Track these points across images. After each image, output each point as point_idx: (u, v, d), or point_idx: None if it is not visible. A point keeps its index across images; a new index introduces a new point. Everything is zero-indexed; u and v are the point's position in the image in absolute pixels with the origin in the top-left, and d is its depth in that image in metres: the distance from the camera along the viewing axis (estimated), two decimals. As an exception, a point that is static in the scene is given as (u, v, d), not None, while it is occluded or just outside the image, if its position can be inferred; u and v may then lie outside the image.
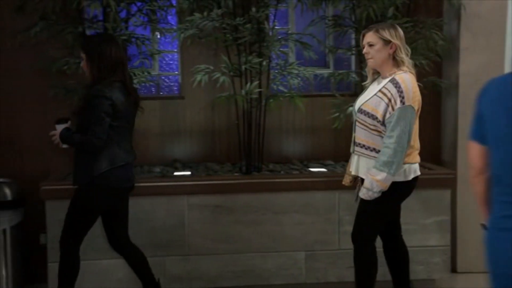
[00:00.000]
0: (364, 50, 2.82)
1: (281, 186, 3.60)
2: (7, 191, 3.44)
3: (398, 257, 3.09)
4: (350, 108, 3.35)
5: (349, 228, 3.51)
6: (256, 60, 3.63)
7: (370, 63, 2.81)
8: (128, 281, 3.47)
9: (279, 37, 3.78)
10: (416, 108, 2.71)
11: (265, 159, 3.99)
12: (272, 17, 3.84)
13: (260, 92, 3.76)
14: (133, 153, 3.05)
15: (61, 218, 3.30)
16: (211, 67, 3.71)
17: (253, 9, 3.59)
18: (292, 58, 4.05)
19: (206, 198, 3.54)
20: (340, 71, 3.97)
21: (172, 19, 3.94)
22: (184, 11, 3.69)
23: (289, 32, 4.07)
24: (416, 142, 2.82)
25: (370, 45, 2.78)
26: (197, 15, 3.56)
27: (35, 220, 3.64)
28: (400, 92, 2.66)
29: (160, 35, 3.76)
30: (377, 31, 2.76)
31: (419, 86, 2.82)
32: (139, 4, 3.64)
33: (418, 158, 2.85)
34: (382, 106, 2.71)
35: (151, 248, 3.47)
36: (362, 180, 2.87)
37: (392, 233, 3.07)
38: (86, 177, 2.88)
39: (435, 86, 4.03)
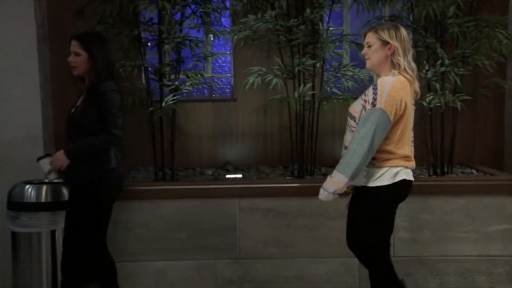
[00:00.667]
0: (363, 51, 2.76)
1: None
2: (65, 191, 3.56)
3: None
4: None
5: (405, 235, 3.47)
6: (310, 62, 3.63)
7: (367, 63, 2.75)
8: (182, 281, 3.54)
9: (334, 38, 3.75)
10: (390, 112, 2.56)
11: (318, 162, 3.97)
12: (326, 18, 3.83)
13: (313, 95, 3.75)
14: None
15: (115, 219, 3.42)
16: (264, 69, 3.74)
17: (308, 10, 3.59)
18: (346, 60, 4.03)
19: (257, 202, 3.56)
20: None
21: (225, 21, 3.99)
22: (237, 13, 3.73)
23: (344, 33, 4.05)
24: (400, 150, 2.67)
25: (369, 46, 2.71)
26: (251, 16, 3.60)
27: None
28: (374, 94, 2.59)
29: (214, 37, 3.80)
30: (376, 31, 2.69)
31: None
32: (193, 6, 3.70)
33: (403, 163, 2.68)
34: (359, 107, 2.68)
35: (202, 251, 3.53)
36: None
37: None
38: (99, 171, 2.87)
39: (498, 88, 3.91)
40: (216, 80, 4.33)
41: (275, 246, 3.57)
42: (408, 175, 2.72)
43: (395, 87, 2.59)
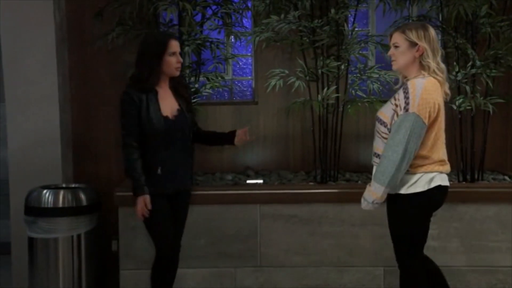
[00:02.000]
0: (390, 52, 2.72)
1: (359, 196, 3.49)
2: (83, 196, 3.61)
3: (431, 275, 2.90)
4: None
5: (432, 243, 3.43)
6: (334, 63, 3.62)
7: (394, 65, 2.72)
8: (199, 290, 3.56)
9: (359, 39, 3.74)
10: (424, 116, 2.55)
11: (342, 167, 3.96)
12: (351, 19, 3.82)
13: (337, 98, 3.74)
14: None
15: (133, 225, 3.46)
16: (286, 72, 3.74)
17: (332, 11, 3.59)
18: (372, 62, 4.01)
19: (279, 208, 3.56)
20: None
21: (247, 22, 4.00)
22: (259, 13, 3.73)
23: (370, 34, 4.01)
24: (435, 154, 2.65)
25: (396, 47, 2.68)
26: (273, 17, 3.60)
27: (109, 226, 3.78)
28: (406, 98, 2.56)
29: (235, 39, 3.81)
30: (403, 31, 2.65)
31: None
32: (214, 7, 3.72)
33: (438, 168, 2.67)
34: (390, 112, 2.64)
35: (222, 259, 3.54)
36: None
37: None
38: None
39: (532, 91, 3.85)
40: (236, 82, 4.33)
41: (298, 254, 3.57)
42: (443, 180, 2.70)
43: (427, 89, 2.57)
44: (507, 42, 3.61)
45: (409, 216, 2.71)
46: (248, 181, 3.88)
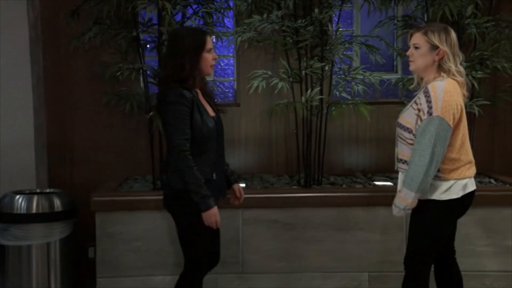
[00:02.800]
0: (408, 52, 2.73)
1: (343, 200, 3.55)
2: (58, 201, 3.55)
3: (451, 281, 2.96)
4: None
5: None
6: (318, 64, 3.61)
7: (411, 65, 2.73)
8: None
9: (343, 39, 3.75)
10: (449, 119, 2.57)
11: (326, 171, 3.95)
12: (335, 19, 3.83)
13: (321, 99, 3.73)
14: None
15: (111, 231, 3.41)
16: (269, 73, 3.72)
17: (316, 10, 3.58)
18: (357, 63, 4.02)
19: (262, 213, 3.53)
20: (410, 76, 3.83)
21: (229, 22, 3.99)
22: (241, 13, 3.72)
23: (354, 34, 4.04)
24: (464, 155, 2.69)
25: (416, 47, 2.69)
26: (255, 17, 3.60)
27: (86, 232, 3.73)
28: (428, 102, 2.57)
29: (216, 39, 3.78)
30: (425, 33, 2.65)
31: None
32: (195, 6, 3.70)
33: (469, 173, 2.72)
34: (414, 117, 2.65)
35: (203, 265, 3.52)
36: None
37: (444, 255, 2.95)
38: None
39: (519, 92, 3.89)
40: (218, 83, 4.32)
41: (281, 259, 3.55)
42: (473, 185, 2.75)
43: (448, 91, 2.59)
44: (493, 43, 3.64)
45: (440, 222, 2.72)
46: None
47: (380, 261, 3.55)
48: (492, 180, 3.88)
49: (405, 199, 2.64)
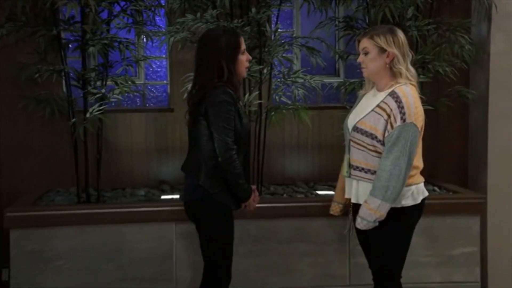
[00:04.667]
0: (359, 58, 2.79)
1: (284, 211, 3.56)
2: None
3: None
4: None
5: (362, 260, 3.45)
6: (256, 67, 3.61)
7: (364, 72, 2.79)
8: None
9: (283, 41, 3.77)
10: (420, 125, 2.66)
11: (266, 180, 3.96)
12: (274, 19, 3.84)
13: (260, 104, 3.73)
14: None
15: (28, 250, 3.28)
16: (205, 75, 3.70)
17: (253, 10, 3.59)
18: (297, 66, 4.05)
19: (197, 226, 3.49)
20: (352, 80, 3.95)
21: (160, 21, 3.95)
22: (174, 11, 3.70)
23: (294, 35, 4.06)
24: (420, 162, 2.80)
25: (365, 53, 2.75)
26: (189, 16, 3.58)
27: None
28: (400, 107, 2.62)
29: (147, 39, 3.74)
30: (371, 37, 2.72)
31: (421, 100, 2.79)
32: (122, 3, 3.64)
33: (421, 178, 2.83)
34: (382, 123, 2.67)
35: (134, 283, 3.44)
36: (357, 206, 2.82)
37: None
38: None
39: (461, 97, 3.99)
40: (150, 87, 4.28)
41: (218, 276, 3.51)
42: (426, 190, 2.84)
43: (415, 97, 2.67)
44: (434, 47, 3.73)
45: (405, 230, 2.78)
46: (163, 197, 3.82)
47: (322, 275, 3.57)
48: (436, 188, 3.97)
49: (378, 211, 2.64)
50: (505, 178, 3.99)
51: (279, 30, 3.79)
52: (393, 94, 2.66)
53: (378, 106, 2.70)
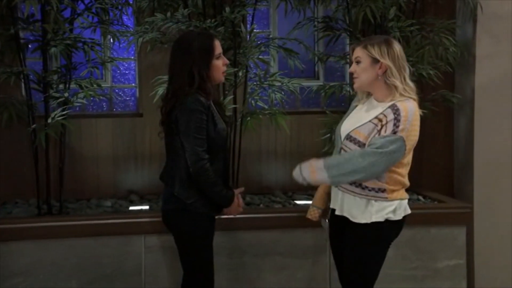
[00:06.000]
0: (351, 68, 2.80)
1: (261, 222, 3.55)
2: None
3: None
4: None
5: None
6: (231, 70, 3.58)
7: (356, 83, 2.79)
8: None
9: (258, 42, 3.78)
10: (409, 144, 2.66)
11: (242, 188, 3.92)
12: (249, 19, 3.85)
13: (235, 109, 3.73)
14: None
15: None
16: (176, 78, 3.67)
17: (227, 9, 3.60)
18: (274, 68, 4.07)
19: (168, 238, 3.35)
20: (332, 83, 3.98)
21: (128, 20, 3.93)
22: (143, 10, 3.70)
23: (271, 36, 4.07)
24: (406, 179, 2.81)
25: (358, 62, 2.76)
26: (158, 15, 3.59)
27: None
28: (396, 120, 2.63)
29: (113, 40, 3.72)
30: (365, 46, 2.73)
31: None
32: (87, 1, 3.63)
33: (406, 195, 2.85)
34: (374, 133, 2.68)
35: (100, 301, 3.40)
36: (334, 216, 2.85)
37: None
38: None
39: (446, 101, 4.02)
40: (117, 91, 4.26)
41: (189, 292, 3.46)
42: (408, 208, 2.86)
43: (416, 115, 2.69)
44: (418, 49, 3.74)
45: (382, 245, 2.80)
46: (131, 208, 3.81)
47: None
48: (421, 197, 3.98)
49: (315, 176, 2.68)
50: (493, 187, 4.01)
51: (254, 30, 3.80)
52: (393, 107, 2.66)
53: (376, 117, 2.70)
